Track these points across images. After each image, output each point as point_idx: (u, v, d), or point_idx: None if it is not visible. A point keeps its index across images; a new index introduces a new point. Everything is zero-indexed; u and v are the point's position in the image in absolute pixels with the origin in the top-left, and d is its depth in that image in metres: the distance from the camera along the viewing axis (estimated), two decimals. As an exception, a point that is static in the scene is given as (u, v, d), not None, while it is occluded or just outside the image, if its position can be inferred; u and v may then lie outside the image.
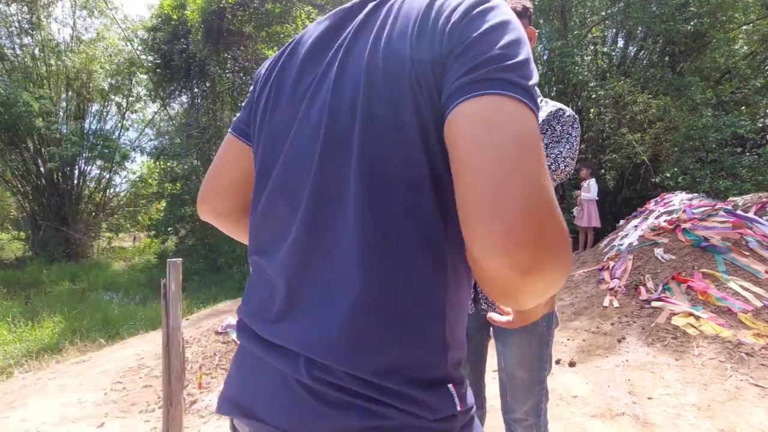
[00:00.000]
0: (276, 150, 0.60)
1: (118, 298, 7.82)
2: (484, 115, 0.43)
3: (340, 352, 0.48)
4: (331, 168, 0.52)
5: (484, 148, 0.41)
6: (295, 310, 0.54)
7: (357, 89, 0.51)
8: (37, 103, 10.35)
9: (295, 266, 0.55)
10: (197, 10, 8.64)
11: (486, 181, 0.40)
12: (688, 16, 7.82)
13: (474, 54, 0.45)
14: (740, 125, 6.74)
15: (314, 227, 0.53)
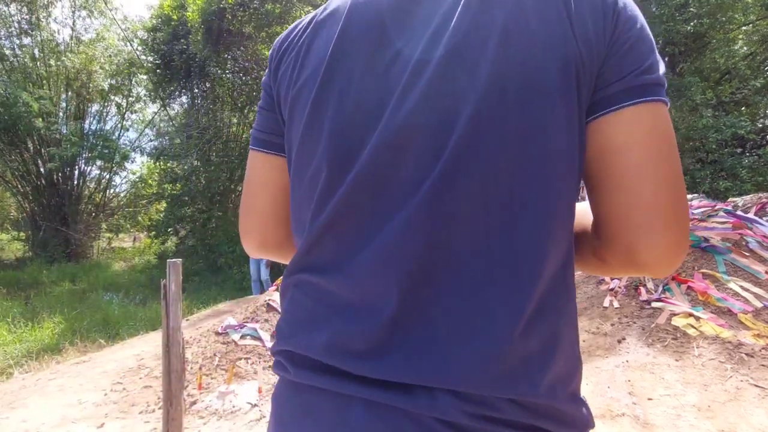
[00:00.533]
0: (356, 138, 0.47)
1: (118, 298, 7.82)
2: (659, 125, 0.44)
3: (499, 377, 0.41)
4: (480, 158, 0.42)
5: (664, 159, 0.44)
6: (412, 335, 0.43)
7: (507, 66, 0.42)
8: (36, 103, 10.35)
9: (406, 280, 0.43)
10: (197, 10, 8.64)
11: (666, 190, 0.44)
12: (687, 16, 7.83)
13: (644, 50, 0.45)
14: (740, 126, 6.74)
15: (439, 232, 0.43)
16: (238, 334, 3.66)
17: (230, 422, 2.66)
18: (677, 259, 0.45)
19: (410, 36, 0.47)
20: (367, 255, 0.45)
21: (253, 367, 3.29)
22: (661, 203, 0.44)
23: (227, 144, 10.83)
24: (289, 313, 0.52)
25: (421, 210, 0.43)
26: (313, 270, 0.49)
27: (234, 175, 10.79)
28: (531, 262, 0.42)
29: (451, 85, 0.43)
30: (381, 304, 0.44)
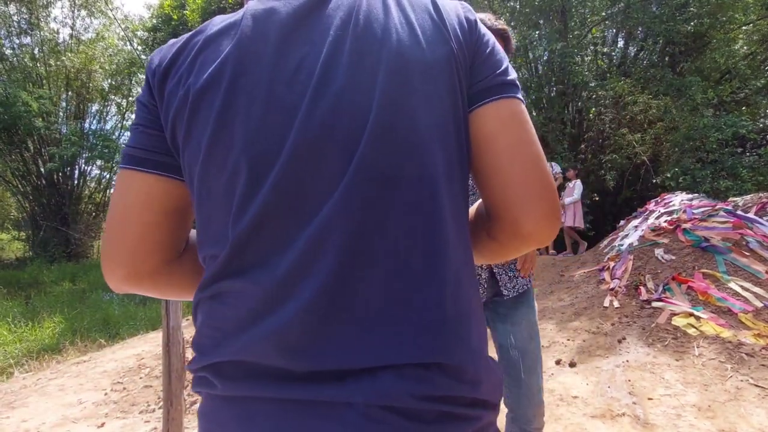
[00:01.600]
0: (273, 140, 0.48)
1: (118, 298, 7.82)
2: (517, 116, 0.54)
3: (435, 345, 0.44)
4: (377, 158, 0.47)
5: (526, 143, 0.53)
6: (344, 324, 0.44)
7: (393, 73, 0.48)
8: (36, 103, 10.36)
9: (334, 271, 0.45)
10: (197, 10, 8.64)
11: (531, 170, 0.53)
12: (688, 16, 7.83)
13: (498, 59, 0.56)
14: (741, 125, 6.73)
15: (360, 223, 0.46)
16: (239, 333, 3.66)
17: (230, 422, 2.66)
18: (553, 225, 0.54)
19: (312, 44, 0.50)
20: (296, 250, 0.46)
21: (254, 367, 3.29)
22: (530, 179, 0.52)
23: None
24: (209, 327, 0.50)
25: (339, 206, 0.45)
26: (237, 275, 0.48)
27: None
28: (443, 250, 0.48)
29: (358, 87, 0.48)
30: (311, 295, 0.44)
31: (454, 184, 0.51)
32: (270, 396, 0.44)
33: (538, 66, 9.86)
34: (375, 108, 0.47)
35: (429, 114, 0.49)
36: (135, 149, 0.56)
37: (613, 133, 8.31)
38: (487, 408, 0.48)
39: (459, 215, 0.52)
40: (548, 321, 3.87)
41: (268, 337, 0.45)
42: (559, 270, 5.40)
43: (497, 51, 0.56)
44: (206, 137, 0.50)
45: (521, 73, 9.87)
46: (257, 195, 0.47)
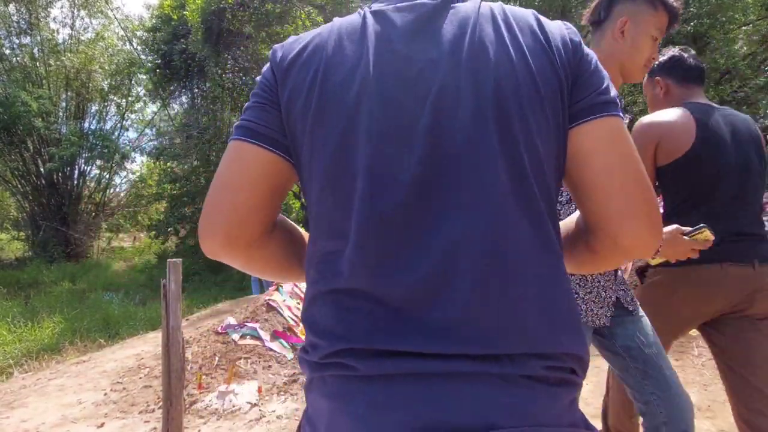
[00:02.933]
0: (397, 147, 0.52)
1: (118, 298, 7.82)
2: (620, 132, 0.56)
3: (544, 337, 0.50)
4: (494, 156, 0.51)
5: (627, 159, 0.56)
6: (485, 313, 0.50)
7: (511, 81, 0.53)
8: (35, 103, 10.36)
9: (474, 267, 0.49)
10: (197, 10, 8.64)
11: (632, 186, 0.55)
12: (688, 16, 7.82)
13: (600, 77, 0.58)
14: None
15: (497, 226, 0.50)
16: (238, 333, 3.66)
17: (230, 422, 2.66)
18: (654, 238, 0.56)
19: (430, 55, 0.54)
20: (436, 250, 0.50)
21: (253, 367, 3.29)
22: (632, 194, 0.55)
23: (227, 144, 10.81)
24: (338, 316, 0.53)
25: (474, 210, 0.51)
26: (367, 274, 0.52)
27: (234, 175, 10.78)
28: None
29: (466, 104, 0.52)
30: (452, 293, 0.49)
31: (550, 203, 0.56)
32: (412, 371, 0.48)
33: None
34: (487, 134, 0.51)
35: (542, 142, 0.53)
36: (253, 123, 0.59)
37: (613, 133, 8.31)
38: (579, 375, 0.54)
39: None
40: (548, 321, 3.87)
41: (421, 330, 0.49)
42: (558, 270, 5.40)
43: (599, 70, 0.59)
44: (335, 136, 0.54)
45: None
46: (383, 195, 0.51)
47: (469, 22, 0.56)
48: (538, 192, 0.53)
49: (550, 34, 0.57)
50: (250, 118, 0.60)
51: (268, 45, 8.86)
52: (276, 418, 2.70)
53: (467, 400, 0.47)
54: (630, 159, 0.55)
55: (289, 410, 2.80)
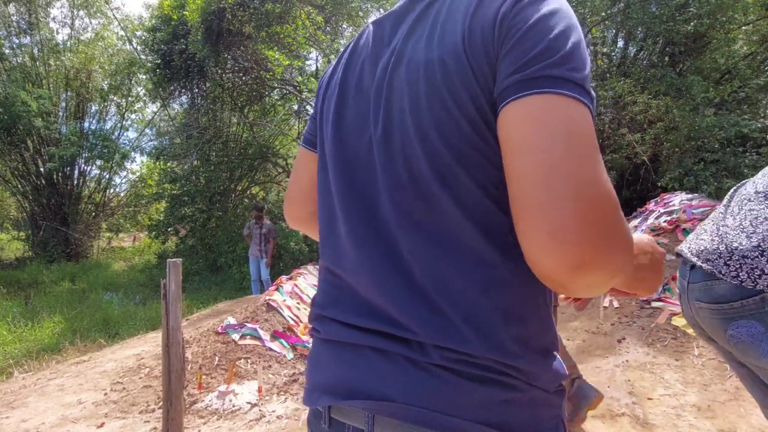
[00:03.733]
0: (353, 145, 0.63)
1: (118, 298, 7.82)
2: (531, 115, 0.43)
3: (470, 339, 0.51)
4: (395, 164, 0.56)
5: (530, 149, 0.42)
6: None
7: (414, 84, 0.54)
8: (35, 102, 10.36)
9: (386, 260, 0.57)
10: (197, 10, 8.63)
11: (532, 182, 0.42)
12: (688, 16, 7.82)
13: (523, 49, 0.46)
14: (745, 124, 6.72)
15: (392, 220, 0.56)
16: (238, 333, 3.66)
17: (230, 422, 2.66)
18: (556, 256, 0.40)
19: (374, 68, 0.62)
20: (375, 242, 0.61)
21: (253, 367, 3.29)
22: (537, 203, 0.41)
23: (227, 144, 10.83)
24: (319, 288, 0.69)
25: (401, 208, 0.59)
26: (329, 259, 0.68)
27: (234, 175, 10.78)
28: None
29: (396, 107, 0.57)
30: (354, 281, 0.61)
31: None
32: (342, 339, 0.59)
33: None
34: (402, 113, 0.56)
35: (446, 142, 0.53)
36: (306, 131, 0.80)
37: (613, 133, 8.31)
38: (517, 378, 0.53)
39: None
40: (548, 321, 3.87)
41: (332, 300, 0.64)
42: (558, 270, 5.40)
43: (534, 31, 0.46)
44: (320, 144, 0.71)
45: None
46: (327, 190, 0.67)
47: (409, 21, 0.59)
48: (455, 193, 0.51)
49: (480, 9, 0.50)
50: (306, 127, 0.81)
51: (268, 45, 8.85)
52: (276, 418, 2.70)
53: (374, 370, 0.54)
54: (544, 147, 0.42)
55: (289, 410, 2.80)
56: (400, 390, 0.51)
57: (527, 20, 0.46)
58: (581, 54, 0.46)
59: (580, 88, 0.44)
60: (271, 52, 8.49)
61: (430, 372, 0.51)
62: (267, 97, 11.43)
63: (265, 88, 10.82)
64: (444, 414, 0.49)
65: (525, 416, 0.51)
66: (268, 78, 9.93)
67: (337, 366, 0.59)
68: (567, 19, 0.47)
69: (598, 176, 0.42)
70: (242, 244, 8.46)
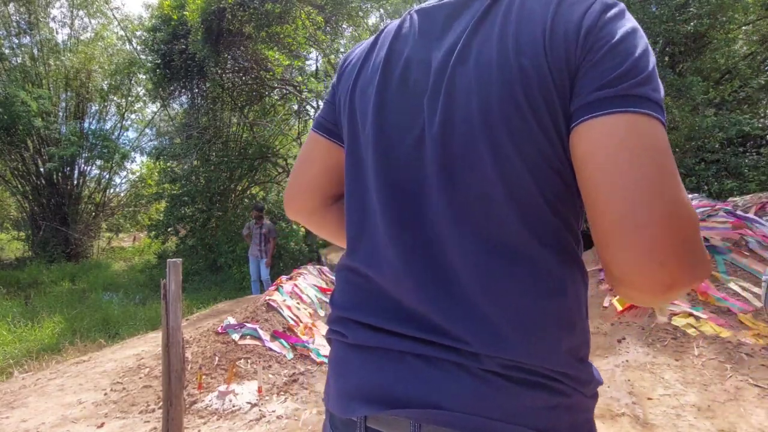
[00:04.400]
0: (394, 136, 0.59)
1: (118, 298, 7.81)
2: (620, 134, 0.43)
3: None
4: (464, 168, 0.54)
5: (621, 168, 0.42)
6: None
7: (486, 85, 0.50)
8: (35, 102, 10.35)
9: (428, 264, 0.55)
10: (197, 10, 8.62)
11: (626, 201, 0.42)
12: (688, 16, 7.82)
13: (610, 65, 0.46)
14: (745, 123, 6.72)
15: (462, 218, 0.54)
16: (238, 333, 3.66)
17: (230, 422, 2.66)
18: (656, 274, 0.41)
19: (425, 58, 0.58)
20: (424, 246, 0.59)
21: (253, 367, 3.29)
22: (626, 211, 0.42)
23: (227, 144, 10.82)
24: (342, 288, 0.65)
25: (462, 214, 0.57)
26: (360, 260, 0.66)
27: (234, 175, 10.77)
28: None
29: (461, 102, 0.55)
30: (395, 284, 0.58)
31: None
32: (383, 346, 0.56)
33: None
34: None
35: (520, 150, 0.53)
36: (320, 116, 0.74)
37: (613, 133, 8.29)
38: (564, 383, 0.54)
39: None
40: (548, 321, 3.87)
41: (374, 306, 0.60)
42: (558, 270, 5.40)
43: (617, 50, 0.46)
44: (352, 135, 0.65)
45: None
46: (358, 183, 0.65)
47: (470, 23, 0.55)
48: (518, 200, 0.50)
49: (559, 18, 0.49)
50: (320, 112, 0.75)
51: (268, 45, 8.84)
52: (276, 418, 2.70)
53: (418, 378, 0.52)
54: (635, 169, 0.42)
55: (289, 410, 2.80)
56: (452, 397, 0.49)
57: (613, 36, 0.46)
58: (657, 75, 0.48)
59: (660, 108, 0.45)
60: (271, 52, 8.48)
61: (483, 379, 0.50)
62: (267, 97, 11.42)
63: (265, 88, 10.82)
64: (499, 421, 0.48)
65: (567, 421, 0.51)
66: (268, 78, 9.92)
67: (371, 372, 0.55)
68: (645, 39, 0.48)
69: (684, 196, 0.43)
70: (242, 244, 8.45)
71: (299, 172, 0.75)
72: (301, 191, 0.75)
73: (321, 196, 0.74)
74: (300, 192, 0.75)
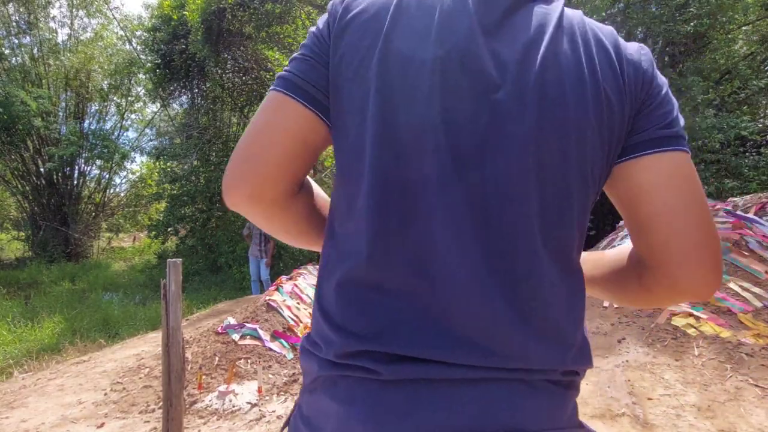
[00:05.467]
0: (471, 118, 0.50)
1: (118, 298, 7.81)
2: (680, 167, 0.53)
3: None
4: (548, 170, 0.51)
5: (682, 196, 0.52)
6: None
7: (580, 103, 0.51)
8: (35, 102, 10.35)
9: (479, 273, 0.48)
10: (197, 10, 8.63)
11: (689, 224, 0.52)
12: (688, 17, 7.82)
13: (665, 111, 0.55)
14: (744, 126, 6.73)
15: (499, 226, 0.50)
16: (238, 333, 3.66)
17: (230, 422, 2.66)
18: (714, 284, 0.53)
19: (501, 58, 0.52)
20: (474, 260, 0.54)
21: (253, 367, 3.29)
22: (695, 237, 0.52)
23: (227, 144, 10.83)
24: (359, 309, 0.51)
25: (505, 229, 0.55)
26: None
27: (234, 175, 10.76)
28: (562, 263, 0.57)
29: (526, 119, 0.52)
30: (481, 306, 0.52)
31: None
32: (436, 377, 0.48)
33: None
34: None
35: (592, 172, 0.55)
36: (298, 78, 0.55)
37: (613, 133, 8.30)
38: (581, 376, 0.57)
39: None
40: (548, 321, 3.87)
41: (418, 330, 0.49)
42: (558, 270, 5.40)
43: (668, 101, 0.56)
44: (421, 105, 0.50)
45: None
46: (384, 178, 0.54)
47: (547, 28, 0.52)
48: (566, 221, 0.53)
49: (626, 59, 0.54)
50: (295, 70, 0.56)
51: (268, 45, 8.85)
52: (276, 418, 2.70)
53: (491, 403, 0.47)
54: (696, 198, 0.52)
55: (289, 410, 2.80)
56: (529, 416, 0.47)
57: (662, 87, 0.56)
58: None
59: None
60: (271, 52, 8.48)
61: (545, 389, 0.50)
62: (267, 98, 11.43)
63: (265, 88, 10.82)
64: (566, 428, 0.50)
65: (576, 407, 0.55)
66: (268, 78, 9.92)
67: (431, 412, 0.46)
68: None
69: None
70: (242, 244, 8.46)
71: (259, 146, 0.55)
72: (260, 173, 0.54)
73: (290, 181, 0.57)
74: (259, 174, 0.54)
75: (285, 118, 0.55)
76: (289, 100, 0.55)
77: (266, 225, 0.61)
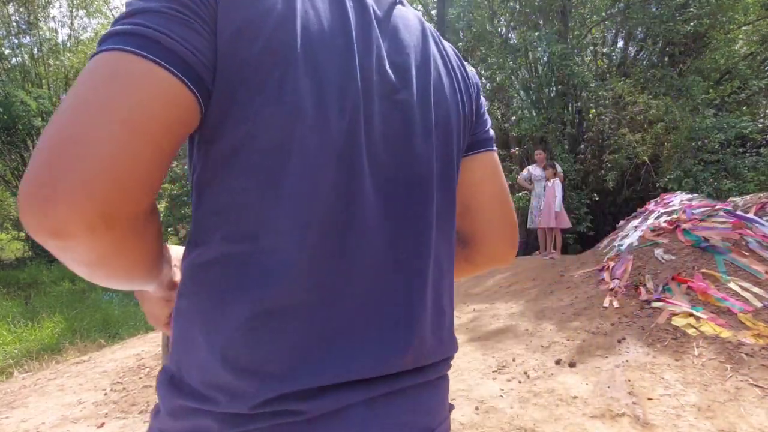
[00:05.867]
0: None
1: (118, 298, 7.81)
2: (497, 163, 0.69)
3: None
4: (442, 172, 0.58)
5: (496, 184, 0.67)
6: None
7: (448, 104, 0.58)
8: (35, 102, 10.35)
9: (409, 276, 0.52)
10: (197, 10, 8.63)
11: (509, 210, 0.68)
12: (688, 17, 7.83)
13: (486, 119, 0.69)
14: (743, 126, 6.74)
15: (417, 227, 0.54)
16: (238, 333, 3.65)
17: (230, 422, 2.66)
18: (515, 250, 0.69)
19: (404, 60, 0.57)
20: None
21: (253, 367, 3.29)
22: (507, 217, 0.68)
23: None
24: (272, 344, 0.42)
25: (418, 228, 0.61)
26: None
27: (234, 175, 10.76)
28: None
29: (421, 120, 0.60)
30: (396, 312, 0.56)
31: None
32: (363, 399, 0.45)
33: (538, 66, 9.86)
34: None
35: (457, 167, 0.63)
36: (172, 41, 0.36)
37: (613, 133, 8.31)
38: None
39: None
40: (548, 321, 3.87)
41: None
42: (558, 270, 5.40)
43: (486, 112, 0.70)
44: (352, 99, 0.45)
45: (521, 73, 9.86)
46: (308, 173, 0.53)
47: (425, 35, 0.58)
48: (453, 214, 0.60)
49: (468, 72, 0.66)
50: (161, 28, 0.36)
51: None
52: (276, 418, 2.70)
53: (416, 408, 0.51)
54: (505, 186, 0.68)
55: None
56: (435, 415, 0.54)
57: (482, 102, 0.70)
58: None
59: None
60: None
61: (440, 386, 0.57)
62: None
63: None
64: (446, 419, 0.57)
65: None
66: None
67: (381, 424, 0.45)
68: None
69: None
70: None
71: (114, 139, 0.33)
72: (120, 180, 0.34)
73: (156, 192, 0.38)
74: (118, 182, 0.34)
75: (162, 102, 0.36)
76: (158, 71, 0.36)
77: (112, 259, 0.38)
